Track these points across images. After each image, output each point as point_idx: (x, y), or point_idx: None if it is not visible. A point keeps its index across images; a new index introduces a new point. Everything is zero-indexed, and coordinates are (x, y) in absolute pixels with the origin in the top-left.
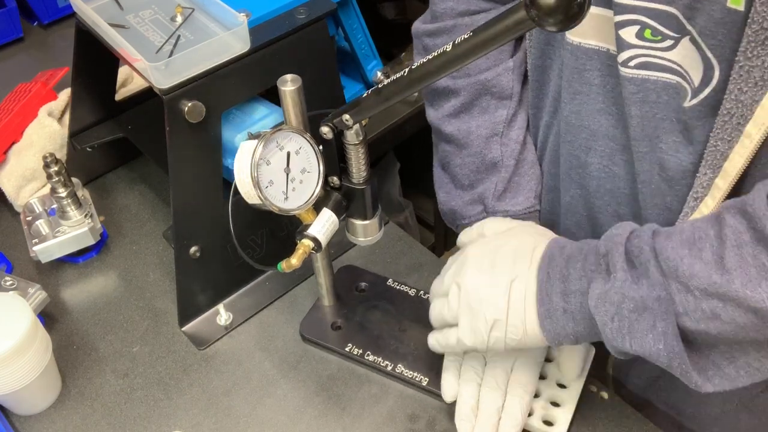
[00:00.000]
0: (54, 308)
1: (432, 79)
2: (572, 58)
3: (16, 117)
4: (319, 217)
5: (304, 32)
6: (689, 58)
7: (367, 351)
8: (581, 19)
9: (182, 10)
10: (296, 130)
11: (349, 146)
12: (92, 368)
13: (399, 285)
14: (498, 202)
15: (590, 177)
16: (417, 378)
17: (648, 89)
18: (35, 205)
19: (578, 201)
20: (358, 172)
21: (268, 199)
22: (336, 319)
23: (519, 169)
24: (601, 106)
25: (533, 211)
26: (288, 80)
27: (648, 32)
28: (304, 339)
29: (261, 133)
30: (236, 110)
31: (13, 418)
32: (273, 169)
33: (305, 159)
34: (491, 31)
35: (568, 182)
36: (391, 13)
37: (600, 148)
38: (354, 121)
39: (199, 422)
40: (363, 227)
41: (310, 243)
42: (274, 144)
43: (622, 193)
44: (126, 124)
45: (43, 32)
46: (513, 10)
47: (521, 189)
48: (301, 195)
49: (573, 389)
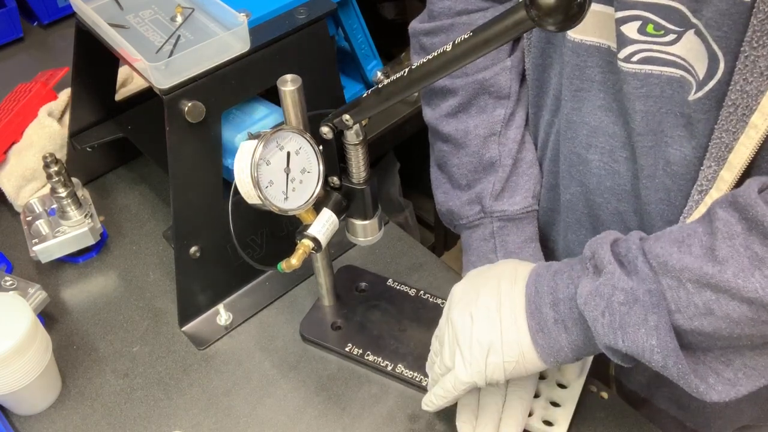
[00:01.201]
0: (54, 308)
1: (432, 79)
2: (573, 56)
3: (16, 117)
4: (319, 217)
5: (304, 32)
6: (694, 51)
7: (367, 351)
8: (581, 19)
9: (182, 10)
10: (296, 130)
11: (349, 146)
12: (92, 368)
13: (399, 285)
14: (495, 202)
15: (591, 174)
16: (417, 378)
17: (652, 84)
18: (35, 205)
19: (579, 198)
20: (358, 172)
21: (268, 199)
22: (336, 319)
23: (517, 168)
24: (601, 102)
25: (530, 211)
26: (288, 80)
27: (650, 27)
28: (304, 339)
29: (261, 133)
30: (236, 110)
31: (13, 418)
32: (273, 169)
33: (305, 159)
34: (491, 31)
35: (569, 180)
36: (391, 13)
37: (600, 145)
38: (354, 121)
39: (199, 422)
40: (363, 227)
41: (310, 243)
42: (274, 144)
43: (623, 190)
44: (126, 124)
45: (43, 32)
46: (513, 10)
47: (519, 189)
48: (301, 195)
49: (573, 389)
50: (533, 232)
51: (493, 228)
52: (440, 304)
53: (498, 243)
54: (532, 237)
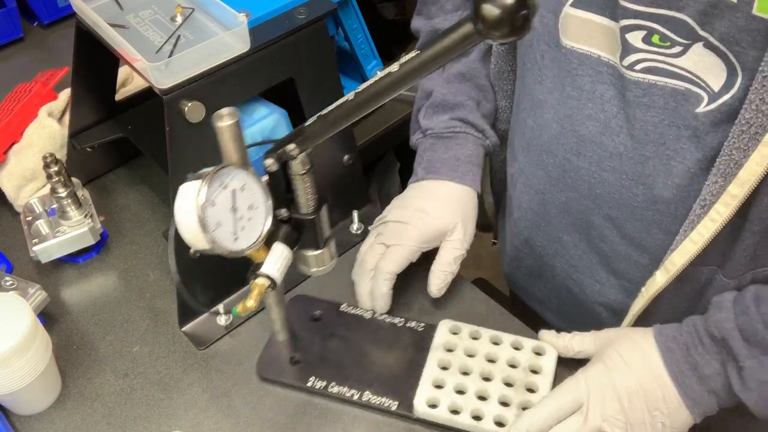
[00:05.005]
0: (54, 308)
1: (380, 100)
2: (565, 62)
3: (16, 117)
4: (271, 253)
5: (304, 32)
6: (703, 64)
7: (332, 382)
8: (527, 31)
9: (182, 10)
10: (238, 166)
11: (296, 176)
12: (92, 368)
13: (354, 309)
14: (425, 120)
15: (582, 180)
16: (386, 404)
17: (655, 94)
18: (35, 205)
19: (572, 203)
20: (306, 202)
21: (217, 242)
22: (293, 353)
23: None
24: (589, 112)
25: (459, 132)
26: (224, 115)
27: (656, 37)
28: (263, 379)
29: (201, 174)
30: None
31: (13, 418)
32: (219, 209)
33: (251, 195)
34: (438, 48)
35: (562, 185)
36: (391, 13)
37: (588, 154)
38: (299, 151)
39: (199, 422)
40: (316, 258)
41: (266, 281)
42: (217, 183)
43: (612, 198)
44: (126, 124)
45: (43, 32)
46: (459, 24)
47: (448, 111)
48: (251, 233)
49: (542, 392)
50: (464, 154)
51: (425, 145)
52: (397, 324)
53: (425, 158)
54: (462, 157)
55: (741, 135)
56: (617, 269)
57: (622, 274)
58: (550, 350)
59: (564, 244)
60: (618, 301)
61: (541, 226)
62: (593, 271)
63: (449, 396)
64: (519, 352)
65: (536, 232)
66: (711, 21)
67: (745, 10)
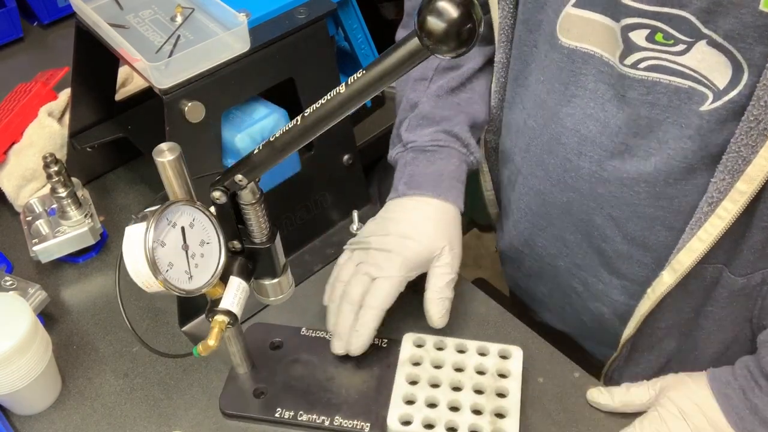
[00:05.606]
0: (54, 308)
1: (328, 123)
2: (568, 61)
3: (16, 117)
4: (228, 287)
5: (304, 32)
6: (707, 62)
7: (299, 411)
8: (475, 43)
9: (182, 10)
10: (185, 202)
11: (246, 206)
12: (92, 368)
13: (314, 332)
14: (407, 134)
15: (583, 180)
16: (358, 426)
17: (659, 93)
18: (35, 205)
19: (573, 203)
20: (259, 231)
21: (171, 283)
22: (257, 385)
23: (438, 109)
24: (591, 111)
25: (443, 146)
26: (165, 150)
27: (659, 36)
28: (226, 415)
29: (146, 214)
30: (236, 110)
31: (13, 418)
32: (169, 249)
33: (201, 230)
34: (386, 64)
35: (563, 185)
36: (391, 13)
37: (590, 153)
38: (248, 180)
39: (199, 422)
40: (273, 286)
41: (225, 318)
42: (165, 222)
43: (614, 197)
44: (126, 124)
45: (43, 32)
46: (406, 39)
47: (433, 125)
48: (205, 270)
49: (513, 396)
50: (448, 169)
51: (407, 159)
52: None
53: (407, 172)
54: (445, 173)
55: (749, 131)
56: (619, 270)
57: (624, 274)
58: (516, 352)
59: (566, 244)
60: (620, 302)
61: (542, 227)
62: (595, 271)
63: (421, 411)
64: (485, 357)
65: (537, 233)
66: (714, 18)
67: (751, 6)
